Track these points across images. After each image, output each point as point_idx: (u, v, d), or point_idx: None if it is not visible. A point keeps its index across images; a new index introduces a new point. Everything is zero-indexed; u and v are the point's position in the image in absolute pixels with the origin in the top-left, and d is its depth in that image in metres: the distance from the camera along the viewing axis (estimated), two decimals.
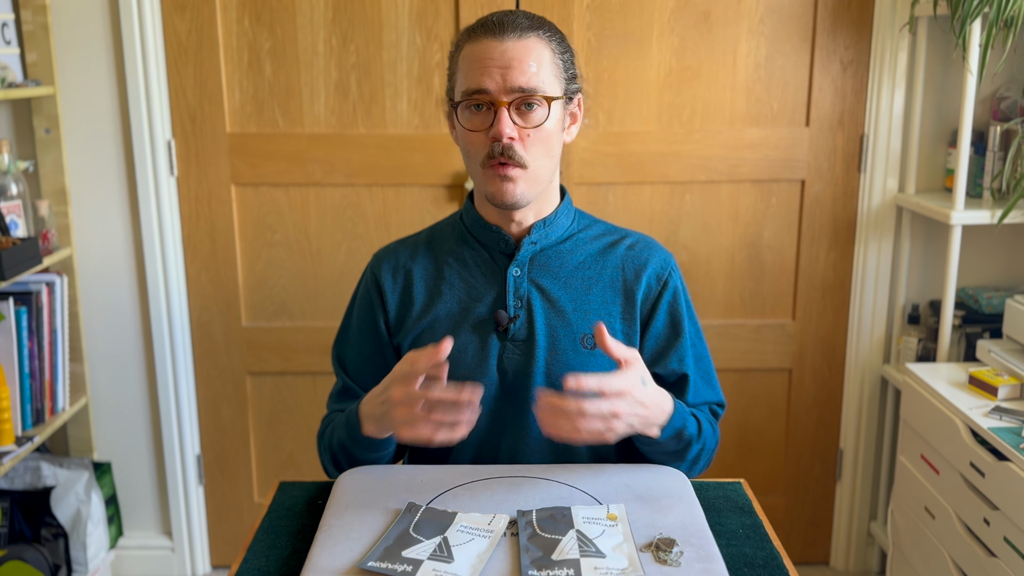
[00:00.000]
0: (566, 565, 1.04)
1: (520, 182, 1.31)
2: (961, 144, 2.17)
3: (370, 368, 1.45)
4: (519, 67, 1.28)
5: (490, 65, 1.28)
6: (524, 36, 1.30)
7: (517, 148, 1.30)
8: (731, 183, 2.46)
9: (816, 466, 2.66)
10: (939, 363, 2.24)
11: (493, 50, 1.29)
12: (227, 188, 2.46)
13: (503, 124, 1.28)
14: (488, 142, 1.30)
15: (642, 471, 1.29)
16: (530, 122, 1.30)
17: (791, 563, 1.16)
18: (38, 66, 2.33)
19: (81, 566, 2.45)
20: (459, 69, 1.33)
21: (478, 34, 1.31)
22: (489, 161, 1.30)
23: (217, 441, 2.62)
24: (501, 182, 1.31)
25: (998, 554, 1.79)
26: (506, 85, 1.28)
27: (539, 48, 1.31)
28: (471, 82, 1.30)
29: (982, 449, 1.85)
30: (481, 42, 1.30)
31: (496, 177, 1.31)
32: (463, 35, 1.35)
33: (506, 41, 1.29)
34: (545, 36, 1.32)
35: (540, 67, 1.30)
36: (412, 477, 1.27)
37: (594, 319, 1.38)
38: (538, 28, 1.32)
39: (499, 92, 1.28)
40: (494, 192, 1.32)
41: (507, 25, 1.30)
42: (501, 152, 1.29)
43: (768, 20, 2.37)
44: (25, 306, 2.23)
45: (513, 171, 1.30)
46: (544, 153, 1.33)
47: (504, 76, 1.28)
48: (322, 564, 1.07)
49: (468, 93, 1.30)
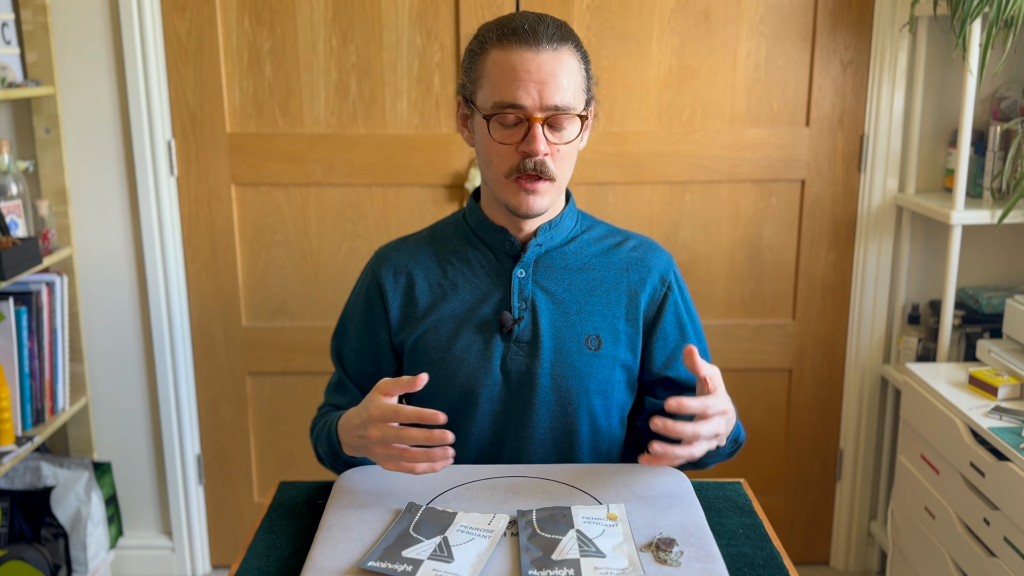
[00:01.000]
0: (566, 565, 1.04)
1: (545, 195, 1.32)
2: (961, 144, 2.17)
3: (366, 366, 1.46)
4: (554, 83, 1.26)
5: (526, 79, 1.26)
6: (558, 49, 1.28)
7: (549, 163, 1.29)
8: (731, 183, 2.46)
9: (816, 466, 2.66)
10: (939, 363, 2.24)
11: (529, 63, 1.26)
12: (227, 188, 2.46)
13: (539, 143, 1.27)
14: (517, 156, 1.29)
15: (642, 471, 1.29)
16: (562, 139, 1.30)
17: (791, 563, 1.16)
18: (38, 66, 2.33)
19: (81, 566, 2.45)
20: (487, 75, 1.30)
21: (510, 42, 1.28)
22: (517, 174, 1.30)
23: (217, 441, 2.62)
24: (527, 195, 1.31)
25: (998, 554, 1.79)
26: (542, 102, 1.26)
27: (571, 62, 1.29)
28: (505, 94, 1.27)
29: (982, 449, 1.85)
30: (515, 52, 1.27)
31: (522, 191, 1.31)
32: (490, 36, 1.31)
33: (541, 54, 1.27)
34: (574, 48, 1.31)
35: (572, 83, 1.29)
36: (412, 477, 1.27)
37: (598, 320, 1.39)
38: (568, 39, 1.30)
39: (534, 109, 1.27)
40: (518, 204, 1.32)
41: (541, 36, 1.27)
42: (533, 168, 1.29)
43: (768, 20, 2.37)
44: (25, 306, 2.23)
45: (542, 185, 1.31)
46: (570, 166, 1.34)
47: (540, 92, 1.26)
48: (322, 564, 1.07)
49: (501, 106, 1.28)
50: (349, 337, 1.48)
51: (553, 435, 1.40)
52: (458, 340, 1.38)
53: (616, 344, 1.40)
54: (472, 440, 1.40)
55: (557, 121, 1.29)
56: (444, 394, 1.39)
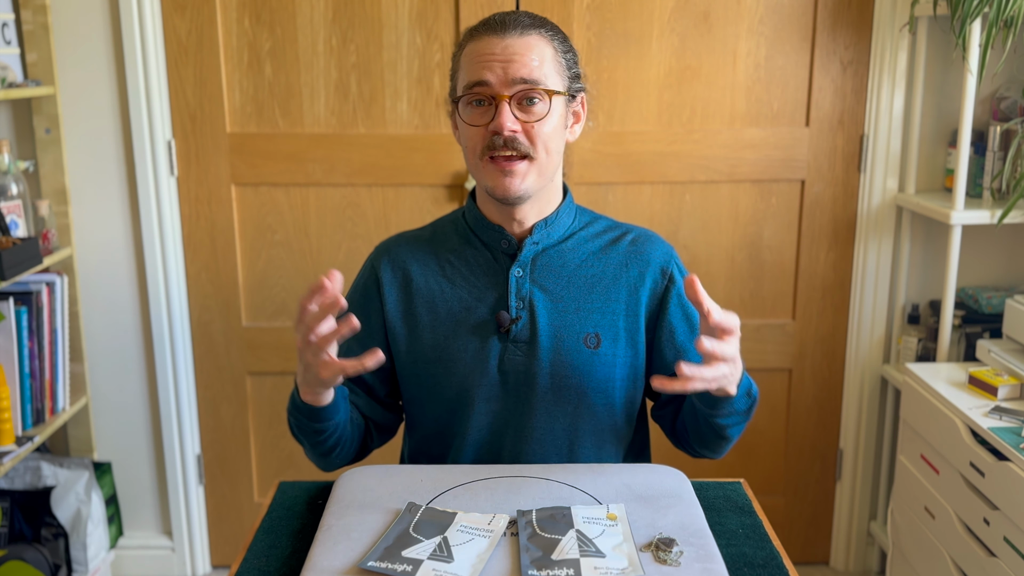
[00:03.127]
0: (566, 565, 1.04)
1: (525, 177, 1.31)
2: (961, 144, 2.17)
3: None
4: (520, 60, 1.29)
5: (491, 60, 1.29)
6: (526, 33, 1.31)
7: (520, 139, 1.29)
8: (731, 183, 2.46)
9: (816, 466, 2.66)
10: (939, 363, 2.24)
11: (495, 46, 1.29)
12: (227, 188, 2.46)
13: (504, 117, 1.28)
14: (488, 135, 1.30)
15: (642, 471, 1.29)
16: (532, 116, 1.30)
17: (791, 563, 1.16)
18: (38, 66, 2.33)
19: (81, 566, 2.45)
20: (461, 67, 1.34)
21: (480, 32, 1.32)
22: (489, 152, 1.30)
23: (217, 441, 2.62)
24: (502, 176, 1.31)
25: (998, 554, 1.78)
26: (507, 77, 1.28)
27: (541, 45, 1.31)
28: (472, 75, 1.30)
29: (982, 449, 1.85)
30: (483, 39, 1.31)
31: (497, 171, 1.31)
32: (465, 35, 1.35)
33: (508, 37, 1.30)
34: (547, 35, 1.33)
35: (542, 62, 1.30)
36: (412, 477, 1.27)
37: (597, 318, 1.38)
38: (540, 27, 1.33)
39: (500, 85, 1.28)
40: (494, 186, 1.32)
41: (509, 23, 1.31)
42: (504, 144, 1.29)
43: (768, 20, 2.37)
44: (25, 306, 2.23)
45: (516, 165, 1.30)
46: (552, 148, 1.33)
47: (505, 69, 1.28)
48: (322, 564, 1.07)
49: (469, 86, 1.30)
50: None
51: (553, 435, 1.39)
52: (454, 339, 1.38)
53: (616, 342, 1.39)
54: (470, 440, 1.40)
55: (526, 96, 1.29)
56: (440, 393, 1.39)
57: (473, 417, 1.38)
